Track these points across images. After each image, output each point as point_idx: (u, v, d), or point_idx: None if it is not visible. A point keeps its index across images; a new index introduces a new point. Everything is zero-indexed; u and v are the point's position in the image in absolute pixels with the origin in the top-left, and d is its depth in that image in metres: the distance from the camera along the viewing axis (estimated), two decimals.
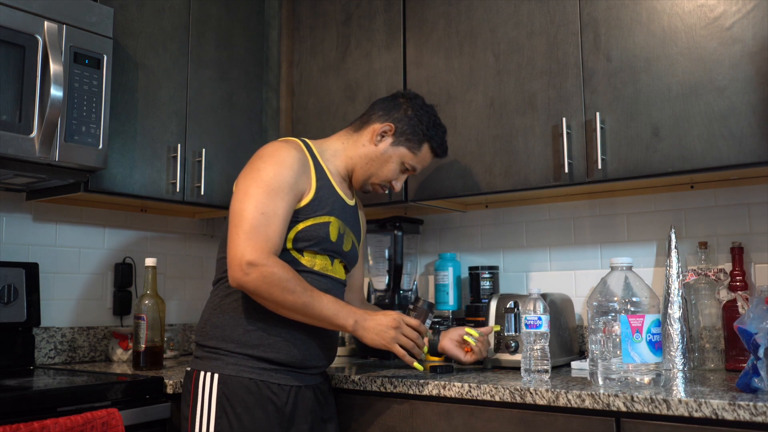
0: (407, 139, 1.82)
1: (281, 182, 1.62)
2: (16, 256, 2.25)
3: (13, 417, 1.56)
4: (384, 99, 1.89)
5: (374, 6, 2.41)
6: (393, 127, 1.81)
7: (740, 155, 1.72)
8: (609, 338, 1.60)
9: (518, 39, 2.09)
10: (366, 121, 1.84)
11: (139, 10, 2.23)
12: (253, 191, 1.60)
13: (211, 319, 1.68)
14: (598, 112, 1.91)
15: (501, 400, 1.61)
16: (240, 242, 1.55)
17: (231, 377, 1.61)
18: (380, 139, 1.81)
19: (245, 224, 1.57)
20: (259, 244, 1.55)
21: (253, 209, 1.58)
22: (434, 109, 1.89)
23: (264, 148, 1.71)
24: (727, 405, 1.33)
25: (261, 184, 1.61)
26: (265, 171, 1.62)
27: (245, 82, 2.58)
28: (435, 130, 1.85)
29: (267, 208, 1.59)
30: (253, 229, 1.56)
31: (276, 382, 1.63)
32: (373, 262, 2.53)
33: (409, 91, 1.92)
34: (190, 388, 1.64)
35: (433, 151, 1.87)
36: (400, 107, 1.83)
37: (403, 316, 1.67)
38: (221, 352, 1.63)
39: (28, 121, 1.85)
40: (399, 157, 1.82)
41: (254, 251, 1.54)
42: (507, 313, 1.97)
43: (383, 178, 1.84)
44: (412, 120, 1.82)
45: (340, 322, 1.61)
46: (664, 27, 1.85)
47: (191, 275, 2.79)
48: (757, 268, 2.00)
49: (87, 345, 2.39)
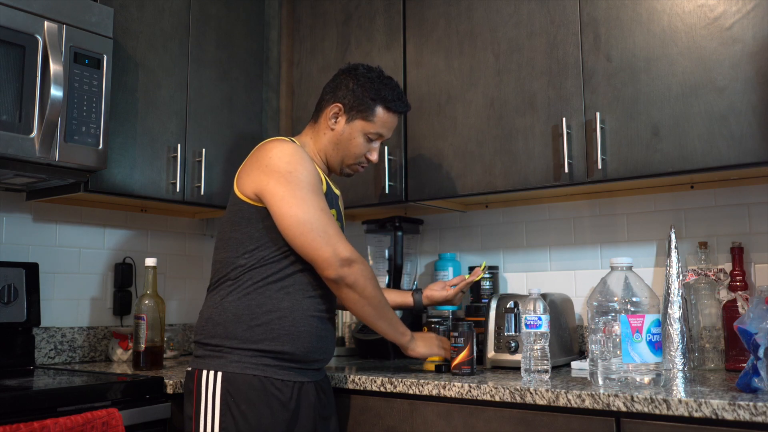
0: (358, 111, 1.81)
1: (313, 178, 1.67)
2: (16, 256, 2.25)
3: (13, 417, 1.56)
4: (329, 81, 1.89)
5: (374, 6, 2.41)
6: (341, 106, 1.81)
7: (740, 155, 1.72)
8: (609, 338, 1.60)
9: (518, 39, 2.09)
10: (319, 108, 1.86)
11: (139, 10, 2.23)
12: (300, 193, 1.62)
13: (212, 317, 1.67)
14: (598, 112, 1.91)
15: (501, 400, 1.61)
16: (326, 241, 1.61)
17: (235, 374, 1.60)
18: (335, 122, 1.82)
19: (318, 225, 1.61)
20: (342, 240, 1.64)
21: (314, 210, 1.62)
22: (379, 71, 1.87)
23: (273, 149, 1.69)
24: (727, 405, 1.33)
25: (303, 185, 1.63)
26: (298, 172, 1.64)
27: (245, 82, 2.58)
28: (383, 90, 1.83)
29: (321, 204, 1.65)
30: (328, 227, 1.62)
31: (280, 378, 1.63)
32: (373, 262, 2.53)
33: (350, 64, 1.90)
34: (193, 388, 1.64)
35: (389, 109, 1.84)
36: (342, 84, 1.84)
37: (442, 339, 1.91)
38: (224, 350, 1.63)
39: (28, 121, 1.85)
40: (359, 130, 1.82)
41: (345, 248, 1.62)
42: (507, 313, 1.97)
43: (355, 156, 1.84)
44: (356, 91, 1.81)
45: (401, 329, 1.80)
46: (664, 27, 1.86)
47: (191, 275, 2.79)
48: (757, 268, 2.00)
49: (87, 345, 2.39)
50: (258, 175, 1.67)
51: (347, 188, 2.36)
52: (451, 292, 1.98)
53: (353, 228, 2.75)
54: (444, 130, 2.21)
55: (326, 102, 1.84)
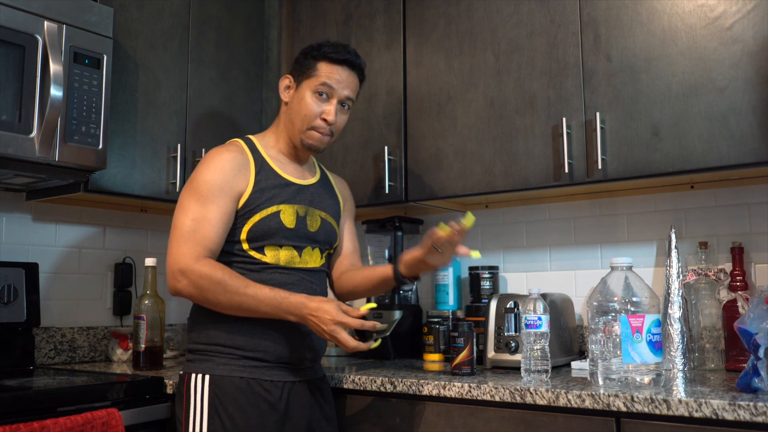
0: (301, 73, 1.77)
1: (211, 187, 1.64)
2: (16, 256, 2.25)
3: (13, 417, 1.56)
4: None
5: (374, 6, 2.41)
6: (290, 76, 1.80)
7: (740, 155, 1.72)
8: (609, 338, 1.60)
9: (518, 39, 2.09)
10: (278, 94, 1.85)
11: (139, 10, 2.23)
12: (185, 201, 1.64)
13: (195, 325, 1.69)
14: (598, 112, 1.91)
15: (501, 400, 1.60)
16: (172, 251, 1.60)
17: (222, 377, 1.61)
18: (287, 94, 1.80)
19: (177, 233, 1.61)
20: (188, 250, 1.58)
21: (185, 218, 1.62)
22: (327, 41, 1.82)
23: (203, 158, 1.72)
24: (727, 405, 1.33)
25: (193, 193, 1.64)
26: (197, 180, 1.65)
27: (245, 82, 2.57)
28: (323, 47, 1.77)
29: (197, 214, 1.61)
30: (184, 237, 1.60)
31: (268, 379, 1.63)
32: (373, 262, 2.53)
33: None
34: (183, 391, 1.65)
35: (331, 59, 1.74)
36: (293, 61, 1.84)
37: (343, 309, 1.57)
38: (210, 354, 1.64)
39: (28, 121, 1.84)
40: (306, 90, 1.75)
41: (184, 258, 1.58)
42: (507, 313, 1.97)
43: (307, 118, 1.74)
44: (299, 58, 1.81)
45: (283, 317, 1.59)
46: (664, 27, 1.85)
47: None
48: (757, 268, 2.00)
49: (87, 345, 2.39)
50: None
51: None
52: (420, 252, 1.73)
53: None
54: (444, 130, 2.21)
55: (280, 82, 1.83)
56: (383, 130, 2.32)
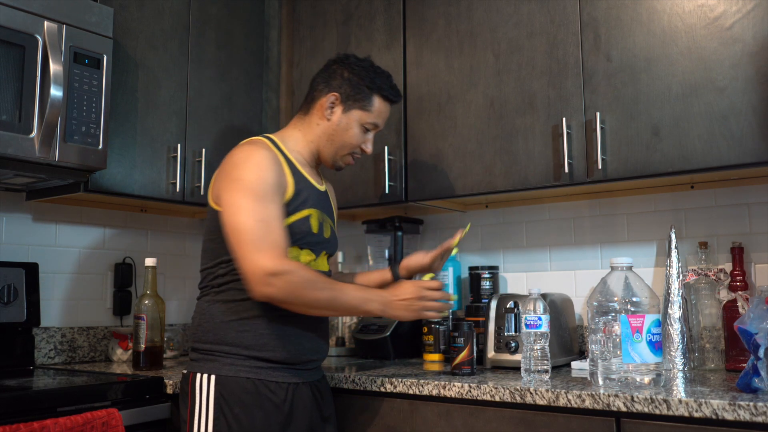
0: (355, 100, 1.78)
1: (266, 185, 1.60)
2: (16, 256, 2.25)
3: (13, 417, 1.56)
4: (320, 72, 1.85)
5: (374, 6, 2.41)
6: (338, 95, 1.78)
7: (740, 155, 1.72)
8: (609, 338, 1.60)
9: (518, 39, 2.09)
10: (311, 100, 1.82)
11: (139, 10, 2.23)
12: (241, 202, 1.57)
13: (202, 324, 1.67)
14: (598, 112, 1.91)
15: (501, 400, 1.60)
16: (251, 255, 1.53)
17: (228, 377, 1.60)
18: (331, 112, 1.78)
19: (248, 236, 1.54)
20: (270, 252, 1.53)
21: (249, 219, 1.55)
22: (370, 61, 1.85)
23: (235, 154, 1.67)
24: (727, 405, 1.33)
25: (248, 193, 1.57)
26: (247, 178, 1.59)
27: (245, 82, 2.58)
28: (378, 79, 1.81)
29: (262, 215, 1.56)
30: (259, 239, 1.53)
31: (273, 380, 1.63)
32: (373, 262, 2.53)
33: (339, 54, 1.87)
34: (188, 391, 1.64)
35: (386, 98, 1.82)
36: (336, 73, 1.81)
37: (420, 283, 1.69)
38: (216, 354, 1.63)
39: (28, 121, 1.85)
40: (356, 120, 1.79)
41: (270, 260, 1.52)
42: (507, 313, 1.97)
43: (350, 146, 1.81)
44: (352, 80, 1.79)
45: (368, 307, 1.64)
46: (664, 27, 1.85)
47: (191, 275, 2.79)
48: (757, 268, 2.00)
49: (87, 345, 2.39)
50: (220, 182, 1.66)
51: (347, 188, 2.36)
52: (428, 258, 1.91)
53: (353, 228, 2.75)
54: (444, 130, 2.21)
55: (319, 92, 1.80)
56: (383, 130, 2.32)
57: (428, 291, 1.68)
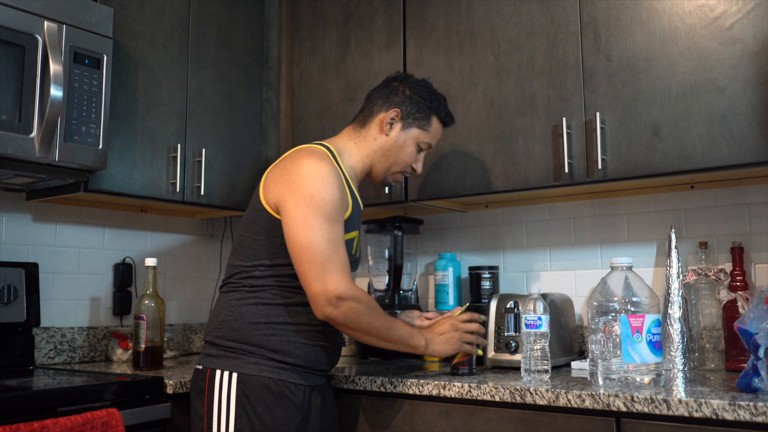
0: (415, 118, 1.82)
1: (336, 205, 1.61)
2: (16, 256, 2.25)
3: (13, 417, 1.56)
4: (378, 88, 1.88)
5: (374, 6, 2.41)
6: (399, 112, 1.81)
7: (740, 155, 1.72)
8: (609, 338, 1.60)
9: (518, 39, 2.09)
10: (369, 114, 1.83)
11: (139, 10, 2.23)
12: (314, 220, 1.56)
13: (227, 320, 1.66)
14: (598, 112, 1.91)
15: (501, 400, 1.60)
16: (320, 276, 1.54)
17: (251, 376, 1.60)
18: (390, 128, 1.81)
19: (319, 257, 1.54)
20: (339, 274, 1.55)
21: (321, 240, 1.55)
22: (429, 82, 1.90)
23: (302, 164, 1.64)
24: (727, 405, 1.33)
25: (320, 212, 1.57)
26: (319, 195, 1.59)
27: (245, 82, 2.57)
28: (437, 101, 1.86)
29: (332, 235, 1.57)
30: (328, 261, 1.55)
31: (293, 382, 1.64)
32: (373, 262, 2.53)
33: (399, 73, 1.92)
34: (204, 387, 1.63)
35: (442, 121, 1.88)
36: (397, 90, 1.83)
37: (453, 318, 1.77)
38: (239, 351, 1.62)
39: (28, 121, 1.84)
40: (413, 138, 1.83)
41: (339, 284, 1.54)
42: (507, 313, 1.97)
43: (403, 164, 1.84)
44: (413, 98, 1.82)
45: (414, 342, 1.69)
46: (664, 27, 1.85)
47: (191, 275, 2.79)
48: (757, 268, 2.00)
49: (87, 345, 2.39)
50: (282, 188, 1.63)
51: None
52: (425, 324, 1.88)
53: None
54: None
55: (379, 107, 1.82)
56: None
57: (462, 324, 1.76)
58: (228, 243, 2.90)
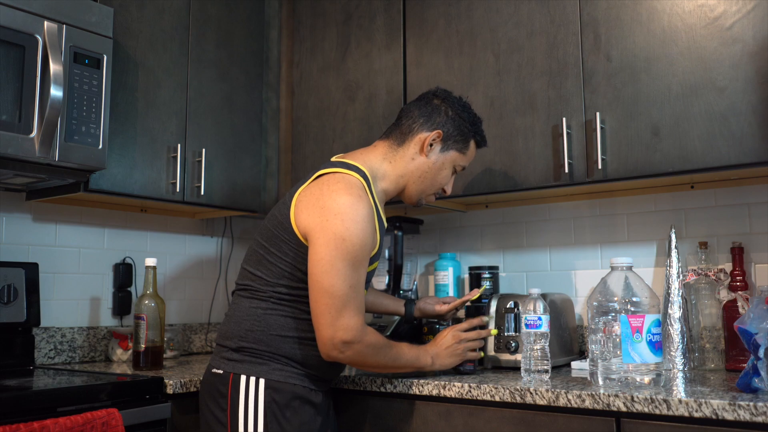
0: (455, 141, 1.76)
1: (365, 250, 1.58)
2: (16, 256, 2.25)
3: (13, 417, 1.56)
4: (418, 104, 1.79)
5: (374, 6, 2.41)
6: (441, 134, 1.74)
7: (740, 155, 1.72)
8: (609, 338, 1.60)
9: (518, 39, 2.09)
10: (408, 131, 1.75)
11: (139, 10, 2.23)
12: (340, 264, 1.53)
13: (253, 329, 1.63)
14: (598, 112, 1.91)
15: (501, 400, 1.60)
16: (332, 322, 1.53)
17: (279, 383, 1.60)
18: (430, 149, 1.74)
19: (336, 302, 1.53)
20: (352, 319, 1.55)
21: (342, 285, 1.53)
22: (467, 102, 1.83)
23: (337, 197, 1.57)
24: (727, 405, 1.33)
25: (348, 257, 1.54)
26: (350, 240, 1.54)
27: (245, 82, 2.57)
28: (476, 124, 1.81)
29: (354, 280, 1.55)
30: (345, 306, 1.53)
31: (314, 388, 1.67)
32: None
33: (438, 89, 1.83)
34: (227, 392, 1.61)
35: (478, 144, 1.84)
36: (439, 110, 1.76)
37: (454, 328, 1.79)
38: (266, 358, 1.62)
39: (28, 121, 1.84)
40: (451, 161, 1.78)
41: (348, 330, 1.54)
42: (507, 313, 1.97)
43: (438, 186, 1.80)
44: (456, 121, 1.76)
45: (421, 363, 1.71)
46: (664, 27, 1.85)
47: (191, 275, 2.79)
48: (757, 268, 2.00)
49: (87, 345, 2.39)
50: (315, 219, 1.57)
51: None
52: (444, 308, 1.97)
53: None
54: None
55: (420, 126, 1.74)
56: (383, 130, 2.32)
57: (464, 333, 1.78)
58: (228, 243, 2.90)
